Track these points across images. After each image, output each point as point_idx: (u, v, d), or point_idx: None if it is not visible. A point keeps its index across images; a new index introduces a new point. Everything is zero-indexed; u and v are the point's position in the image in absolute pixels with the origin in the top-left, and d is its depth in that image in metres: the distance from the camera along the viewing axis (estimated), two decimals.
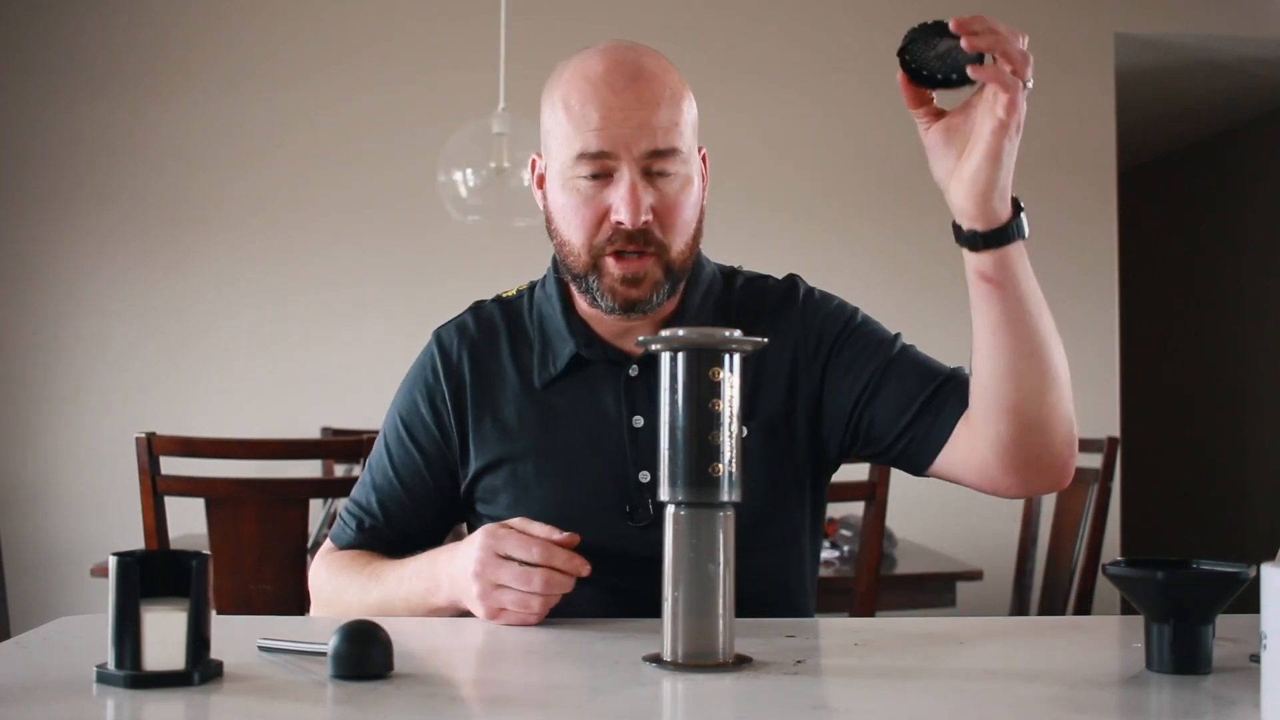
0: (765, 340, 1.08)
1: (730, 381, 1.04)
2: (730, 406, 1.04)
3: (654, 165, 1.30)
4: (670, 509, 1.05)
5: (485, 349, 1.43)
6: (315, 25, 4.34)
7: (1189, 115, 6.02)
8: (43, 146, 4.24)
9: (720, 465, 1.03)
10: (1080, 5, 4.61)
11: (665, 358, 1.05)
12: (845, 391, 1.39)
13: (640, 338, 1.08)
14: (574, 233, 1.33)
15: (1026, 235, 1.21)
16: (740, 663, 1.06)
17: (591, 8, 4.35)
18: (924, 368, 1.38)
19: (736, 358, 1.05)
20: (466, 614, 1.29)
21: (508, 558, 1.21)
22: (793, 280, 1.48)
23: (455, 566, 1.25)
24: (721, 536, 1.04)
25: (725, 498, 1.03)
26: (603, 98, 1.29)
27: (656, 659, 1.06)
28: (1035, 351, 1.26)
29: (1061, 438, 1.28)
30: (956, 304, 1.31)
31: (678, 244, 1.34)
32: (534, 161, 1.42)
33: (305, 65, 4.32)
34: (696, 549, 1.04)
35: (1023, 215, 1.21)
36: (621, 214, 1.29)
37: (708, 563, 1.04)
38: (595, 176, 1.30)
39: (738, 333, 1.05)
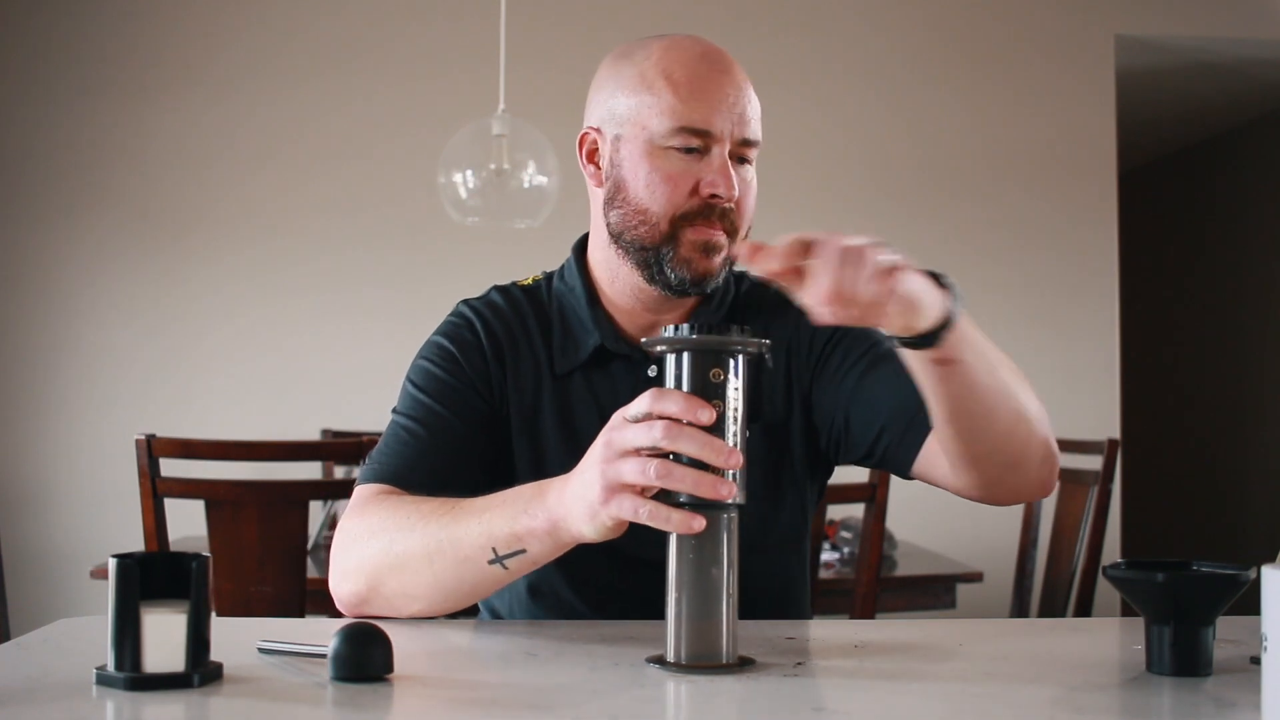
0: (769, 341, 1.06)
1: (734, 383, 1.03)
2: (734, 408, 1.03)
3: (740, 152, 1.34)
4: None
5: (514, 326, 1.43)
6: (315, 28, 4.34)
7: (1189, 117, 6.03)
8: (43, 149, 4.24)
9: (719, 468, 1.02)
10: (1080, 6, 4.61)
11: (670, 359, 1.04)
12: (832, 394, 1.40)
13: (644, 339, 1.07)
14: (658, 200, 1.33)
15: (961, 308, 1.12)
16: (743, 664, 1.06)
17: (591, 10, 4.35)
18: (902, 371, 1.36)
19: (741, 359, 1.04)
20: (552, 557, 1.17)
21: (633, 451, 1.02)
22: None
23: (571, 480, 1.10)
24: (725, 539, 1.04)
25: (729, 500, 1.02)
26: (713, 77, 1.32)
27: (660, 660, 1.05)
28: (997, 406, 1.19)
29: (1036, 465, 1.26)
30: None
31: (743, 230, 1.37)
32: (584, 136, 1.40)
33: (305, 68, 4.32)
34: (699, 551, 1.03)
35: (951, 288, 1.12)
36: (719, 188, 1.31)
37: (711, 565, 1.03)
38: (689, 150, 1.32)
39: (744, 334, 1.04)
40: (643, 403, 1.03)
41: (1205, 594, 1.02)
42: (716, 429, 1.01)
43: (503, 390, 1.40)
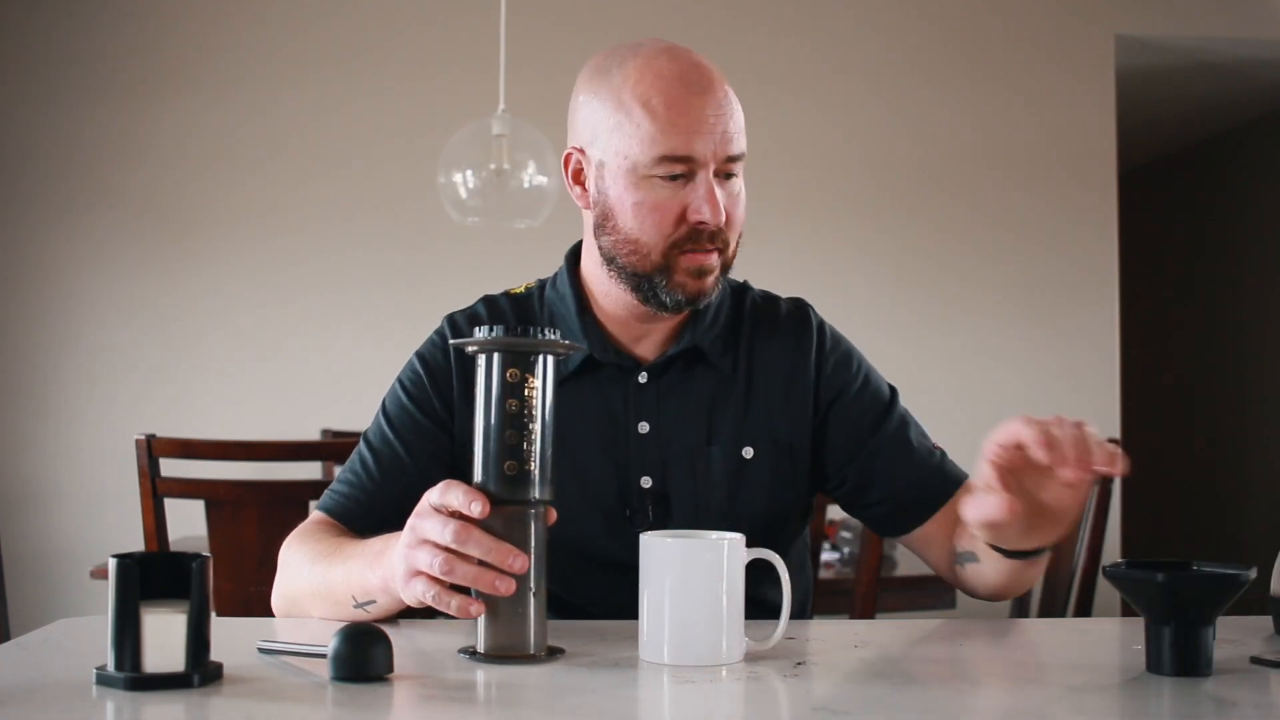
0: (578, 346, 1.12)
1: (532, 384, 1.07)
2: (532, 407, 1.07)
3: (725, 169, 1.34)
4: None
5: None
6: (316, 28, 4.34)
7: (1189, 117, 6.02)
8: (43, 149, 4.24)
9: (516, 464, 1.06)
10: (1080, 6, 4.61)
11: (481, 359, 1.08)
12: (835, 452, 1.44)
13: (452, 340, 1.11)
14: (650, 231, 1.33)
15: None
16: (553, 654, 1.09)
17: (591, 10, 4.35)
18: (907, 456, 1.43)
19: (545, 360, 1.07)
20: (399, 614, 1.24)
21: (429, 540, 1.08)
22: (803, 308, 1.50)
23: (392, 549, 1.14)
24: (533, 532, 1.07)
25: (531, 496, 1.07)
26: (690, 103, 1.30)
27: (471, 651, 1.08)
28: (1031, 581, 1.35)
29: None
30: (957, 306, 1.32)
31: (734, 243, 1.38)
32: (569, 156, 1.39)
33: (306, 68, 4.32)
34: (508, 541, 1.06)
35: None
36: (705, 214, 1.31)
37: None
38: (675, 177, 1.31)
39: (552, 336, 1.07)
40: (436, 492, 1.08)
41: (1205, 594, 1.02)
42: (510, 428, 1.06)
43: (466, 416, 1.38)
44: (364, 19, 4.36)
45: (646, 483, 1.38)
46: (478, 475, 1.08)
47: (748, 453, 1.40)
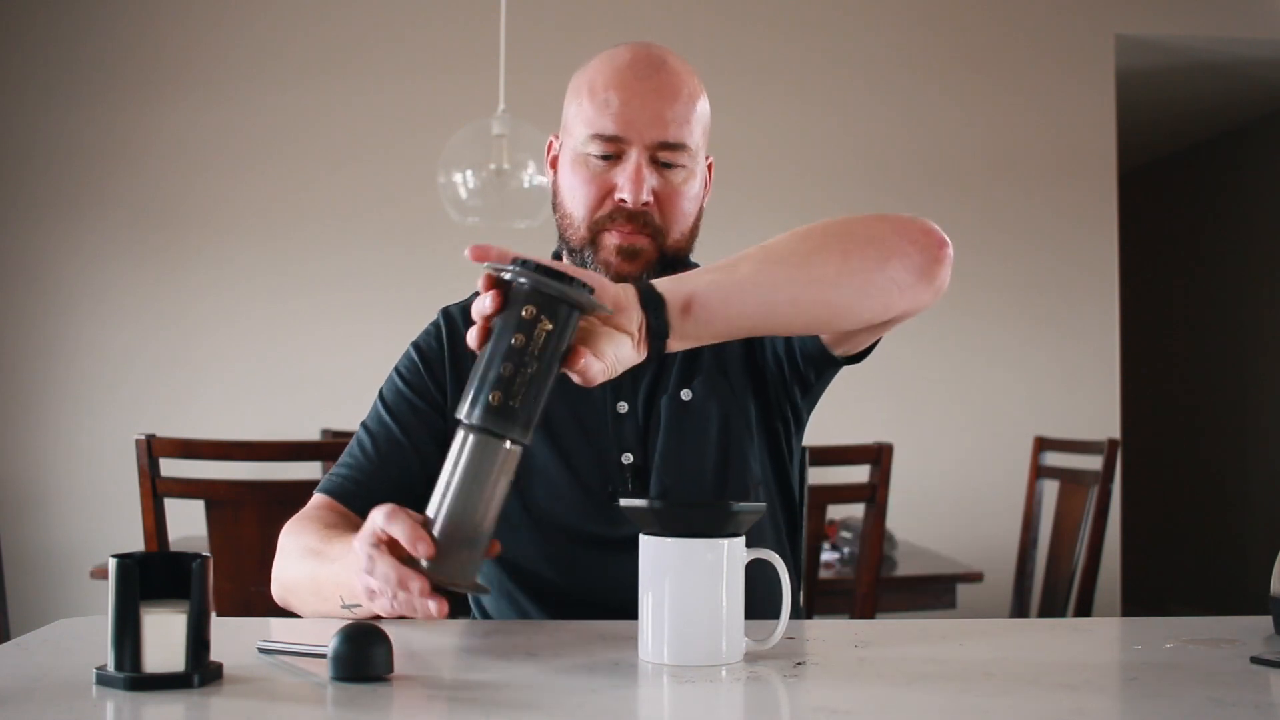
0: (603, 306, 1.05)
1: (544, 326, 1.02)
2: (538, 347, 1.02)
3: (661, 155, 1.37)
4: (460, 429, 1.05)
5: None
6: (316, 29, 4.34)
7: (1190, 117, 6.02)
8: (43, 150, 4.24)
9: (501, 396, 1.01)
10: (1080, 6, 4.61)
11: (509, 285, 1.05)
12: (772, 350, 1.47)
13: (487, 268, 1.05)
14: (577, 206, 1.39)
15: (667, 305, 1.12)
16: (478, 589, 1.06)
17: (590, 10, 4.35)
18: None
19: (566, 311, 1.02)
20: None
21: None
22: None
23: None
24: (495, 465, 1.03)
25: (509, 433, 1.02)
26: (624, 84, 1.36)
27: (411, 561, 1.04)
28: (798, 312, 1.23)
29: (900, 300, 1.33)
30: (957, 306, 1.32)
31: (674, 232, 1.40)
32: (551, 142, 1.48)
33: (306, 69, 4.32)
34: (474, 467, 1.03)
35: (660, 305, 1.11)
36: (625, 192, 1.36)
37: (481, 486, 1.03)
38: (605, 157, 1.37)
39: (584, 291, 1.02)
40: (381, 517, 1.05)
41: None
42: (514, 361, 1.01)
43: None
44: (364, 19, 4.36)
45: (627, 459, 1.42)
46: (466, 395, 1.04)
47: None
